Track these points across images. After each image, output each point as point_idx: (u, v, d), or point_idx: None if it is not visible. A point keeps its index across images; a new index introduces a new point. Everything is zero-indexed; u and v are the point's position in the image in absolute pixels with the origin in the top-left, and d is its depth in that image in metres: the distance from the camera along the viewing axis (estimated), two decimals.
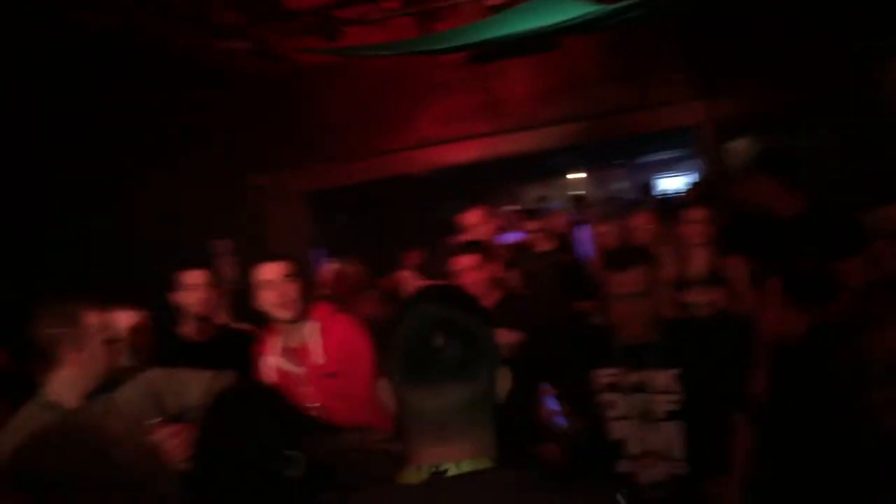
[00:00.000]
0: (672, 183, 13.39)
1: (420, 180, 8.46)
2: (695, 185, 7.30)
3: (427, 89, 7.30)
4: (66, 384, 2.51)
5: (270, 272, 3.25)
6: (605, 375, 2.84)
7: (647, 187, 11.84)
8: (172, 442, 2.45)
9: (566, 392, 3.18)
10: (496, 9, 5.08)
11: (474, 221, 4.69)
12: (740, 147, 6.86)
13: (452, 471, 1.34)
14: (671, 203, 7.49)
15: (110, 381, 2.62)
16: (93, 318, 2.54)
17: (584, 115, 7.07)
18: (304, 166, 7.46)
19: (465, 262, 3.73)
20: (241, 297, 4.55)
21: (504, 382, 1.41)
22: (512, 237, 6.28)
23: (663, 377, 2.76)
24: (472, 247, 3.77)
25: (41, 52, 4.70)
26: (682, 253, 4.21)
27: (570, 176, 14.34)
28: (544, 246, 5.65)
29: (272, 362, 3.27)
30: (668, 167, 14.05)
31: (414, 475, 1.35)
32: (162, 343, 3.65)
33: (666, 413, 2.74)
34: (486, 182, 10.00)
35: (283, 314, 3.21)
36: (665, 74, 6.86)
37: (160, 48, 5.62)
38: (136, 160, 5.59)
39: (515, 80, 7.17)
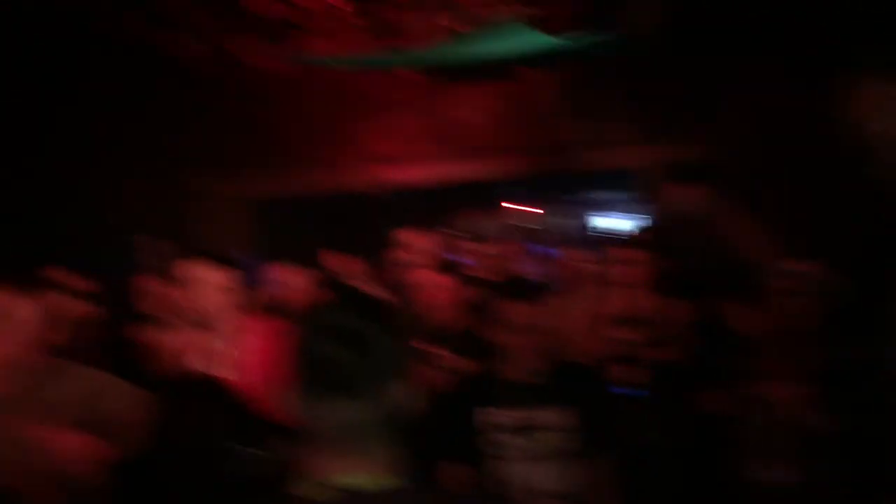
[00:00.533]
0: (614, 223, 13.53)
1: (368, 197, 8.41)
2: (641, 228, 7.38)
3: (380, 106, 7.27)
4: None
5: (204, 273, 3.18)
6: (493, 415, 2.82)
7: (586, 225, 11.96)
8: (74, 451, 2.34)
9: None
10: (455, 32, 5.11)
11: (412, 241, 4.69)
12: (686, 193, 6.96)
13: (356, 488, 1.29)
14: (610, 241, 7.57)
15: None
16: None
17: (533, 147, 7.13)
18: (251, 173, 7.37)
19: (438, 280, 3.71)
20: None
21: (403, 397, 1.36)
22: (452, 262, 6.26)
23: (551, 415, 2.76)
24: (447, 267, 3.77)
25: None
26: (612, 291, 4.26)
27: (514, 207, 14.37)
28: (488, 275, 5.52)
29: (196, 363, 3.19)
30: (613, 207, 14.20)
31: (316, 490, 1.30)
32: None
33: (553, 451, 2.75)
34: (434, 205, 9.99)
35: (206, 318, 3.14)
36: (616, 114, 6.95)
37: (119, 37, 5.51)
38: (86, 148, 5.48)
39: (468, 106, 7.20)
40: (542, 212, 14.53)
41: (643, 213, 7.96)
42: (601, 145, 7.05)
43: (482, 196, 12.73)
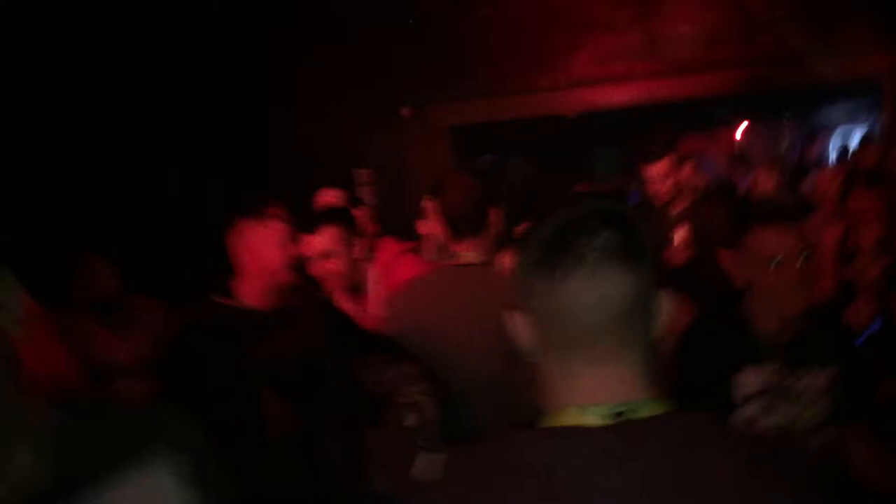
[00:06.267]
0: (847, 141, 12.42)
1: (571, 122, 8.17)
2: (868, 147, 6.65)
3: (584, 26, 6.93)
4: None
5: (314, 245, 3.26)
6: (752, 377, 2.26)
7: (823, 145, 11.01)
8: None
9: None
10: None
11: (661, 172, 4.41)
12: None
13: (630, 413, 1.06)
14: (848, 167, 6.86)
15: None
16: None
17: (752, 59, 6.54)
18: (449, 100, 7.30)
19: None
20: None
21: (667, 306, 1.11)
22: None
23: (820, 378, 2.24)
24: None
25: None
26: (849, 224, 3.82)
27: (733, 127, 13.55)
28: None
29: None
30: (844, 123, 13.02)
31: (575, 417, 1.06)
32: None
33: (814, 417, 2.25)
34: (641, 129, 9.58)
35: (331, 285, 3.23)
36: (848, 19, 6.23)
37: None
38: (286, 81, 5.63)
39: (678, 19, 6.71)
40: (764, 131, 13.65)
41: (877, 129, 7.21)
42: (832, 54, 6.36)
43: (699, 116, 12.12)
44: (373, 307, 3.43)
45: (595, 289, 1.04)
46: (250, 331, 2.86)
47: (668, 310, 1.12)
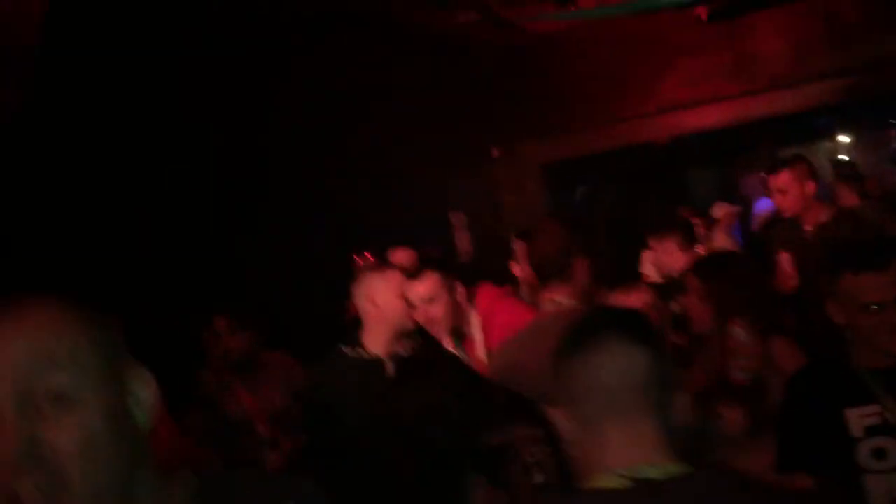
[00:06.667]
0: None
1: (664, 148, 8.10)
2: None
3: (669, 51, 6.90)
4: None
5: (417, 292, 3.27)
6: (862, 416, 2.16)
7: None
8: None
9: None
10: None
11: (786, 183, 4.32)
12: None
13: (653, 475, 1.25)
14: None
15: None
16: None
17: (847, 69, 6.38)
18: (539, 137, 7.35)
19: None
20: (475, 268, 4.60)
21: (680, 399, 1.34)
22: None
23: None
24: None
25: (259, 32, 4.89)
26: None
27: (833, 139, 13.11)
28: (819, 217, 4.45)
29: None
30: None
31: (605, 480, 1.26)
32: None
33: None
34: (738, 148, 9.40)
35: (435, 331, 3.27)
36: None
37: (388, 22, 5.71)
38: (373, 134, 5.77)
39: (766, 35, 6.60)
40: (868, 141, 13.15)
41: None
42: None
43: (795, 131, 11.80)
44: (476, 352, 3.47)
45: (615, 366, 1.29)
46: (381, 382, 2.95)
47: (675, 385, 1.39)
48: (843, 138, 13.04)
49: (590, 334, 1.33)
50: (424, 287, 3.30)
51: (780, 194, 4.33)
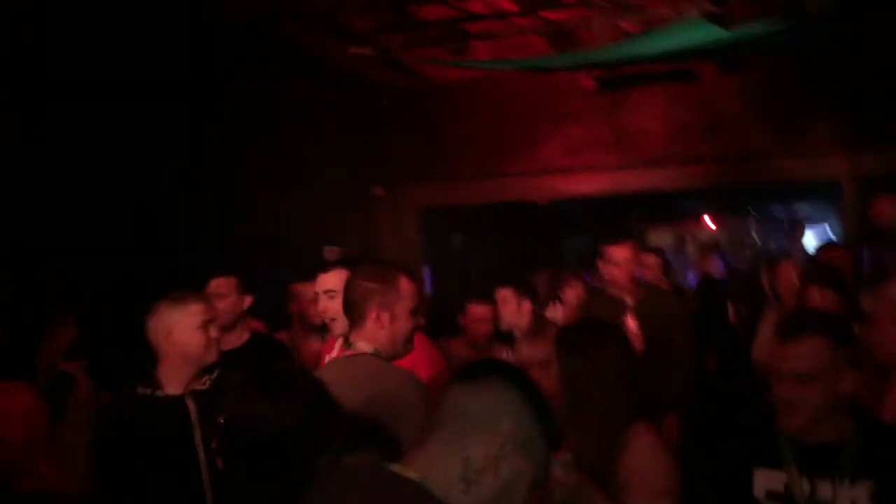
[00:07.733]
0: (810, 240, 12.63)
1: (541, 209, 8.28)
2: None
3: (555, 116, 7.11)
4: None
5: (329, 281, 3.11)
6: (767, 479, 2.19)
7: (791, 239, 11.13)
8: None
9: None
10: (629, 34, 4.87)
11: (623, 257, 4.38)
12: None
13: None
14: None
15: None
16: None
17: (717, 156, 6.73)
18: (421, 181, 7.41)
19: None
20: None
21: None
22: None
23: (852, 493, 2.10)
24: None
25: (165, 48, 4.73)
26: None
27: (699, 220, 13.73)
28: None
29: None
30: (806, 222, 13.25)
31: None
32: None
33: None
34: (611, 218, 9.72)
35: (335, 328, 3.06)
36: (809, 121, 6.44)
37: (288, 46, 5.63)
38: (257, 155, 5.64)
39: (646, 113, 6.90)
40: (730, 226, 13.86)
41: (846, 229, 7.32)
42: (794, 154, 6.54)
43: (662, 208, 12.32)
44: None
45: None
46: (179, 423, 2.72)
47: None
48: (707, 220, 13.71)
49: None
50: (331, 279, 3.15)
51: (614, 266, 4.37)
